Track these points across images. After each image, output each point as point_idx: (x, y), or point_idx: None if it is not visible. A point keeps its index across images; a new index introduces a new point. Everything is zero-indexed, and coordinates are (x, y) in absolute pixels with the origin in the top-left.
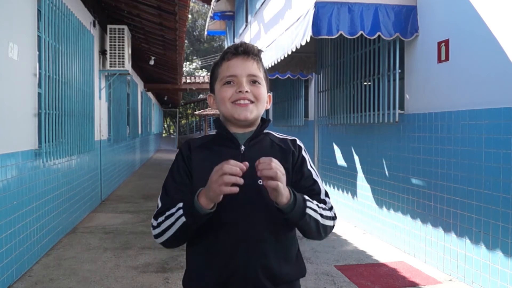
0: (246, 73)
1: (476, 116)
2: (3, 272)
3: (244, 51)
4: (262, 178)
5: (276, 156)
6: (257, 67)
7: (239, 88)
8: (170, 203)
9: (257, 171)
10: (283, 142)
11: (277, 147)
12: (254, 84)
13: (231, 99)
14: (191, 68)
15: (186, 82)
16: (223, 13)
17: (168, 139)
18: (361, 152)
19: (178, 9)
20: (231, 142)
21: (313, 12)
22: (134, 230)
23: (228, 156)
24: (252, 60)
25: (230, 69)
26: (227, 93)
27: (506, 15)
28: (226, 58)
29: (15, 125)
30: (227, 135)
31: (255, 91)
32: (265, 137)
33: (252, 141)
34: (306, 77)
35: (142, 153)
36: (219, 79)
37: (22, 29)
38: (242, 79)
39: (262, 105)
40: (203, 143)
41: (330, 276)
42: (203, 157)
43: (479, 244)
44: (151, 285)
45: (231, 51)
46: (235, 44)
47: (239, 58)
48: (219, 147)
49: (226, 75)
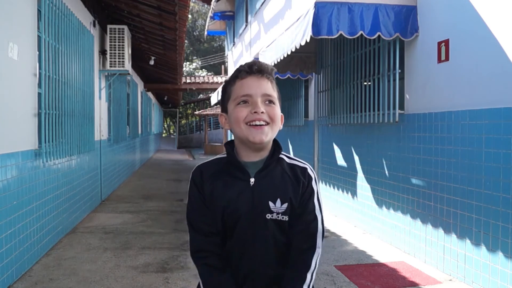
0: (261, 93)
1: (476, 116)
2: (3, 272)
3: (258, 70)
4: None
5: (284, 189)
6: (272, 87)
7: (255, 109)
8: (199, 237)
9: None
10: (293, 170)
11: (286, 178)
12: (269, 104)
13: (246, 120)
14: (191, 68)
15: (186, 82)
16: (223, 13)
17: (168, 139)
18: (361, 152)
19: (178, 9)
20: (241, 172)
21: (313, 12)
22: (134, 230)
23: (237, 188)
24: (267, 80)
25: (245, 89)
26: (242, 113)
27: (506, 15)
28: (240, 77)
29: (15, 125)
30: (237, 165)
31: (270, 111)
32: (276, 166)
33: (262, 173)
34: (306, 77)
35: (142, 153)
36: (232, 99)
37: (22, 29)
38: (257, 99)
39: (276, 126)
40: (214, 173)
41: (330, 276)
42: (214, 189)
43: (479, 244)
44: (151, 285)
45: (245, 70)
46: (248, 62)
47: (253, 77)
48: (229, 178)
49: (241, 94)
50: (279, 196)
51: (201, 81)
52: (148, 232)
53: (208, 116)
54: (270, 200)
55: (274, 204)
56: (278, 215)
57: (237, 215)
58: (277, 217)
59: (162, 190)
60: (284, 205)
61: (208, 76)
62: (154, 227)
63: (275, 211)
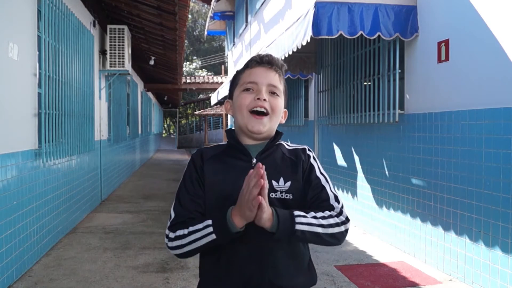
0: (267, 82)
1: (476, 116)
2: (3, 272)
3: (269, 61)
4: None
5: (286, 168)
6: (279, 79)
7: (258, 95)
8: (185, 213)
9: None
10: (293, 153)
11: (287, 159)
12: (273, 95)
13: (249, 107)
14: (191, 68)
15: (186, 82)
16: (223, 13)
17: (168, 139)
18: (361, 152)
19: (178, 9)
20: (243, 154)
21: (313, 12)
22: (134, 230)
23: (240, 169)
24: (275, 72)
25: (252, 76)
26: (246, 100)
27: (506, 15)
28: (250, 66)
29: (15, 125)
30: (239, 147)
31: (272, 101)
32: (277, 149)
33: (264, 154)
34: (306, 77)
35: (142, 153)
36: (239, 85)
37: (22, 29)
38: (262, 87)
39: (277, 118)
40: (215, 154)
41: (330, 276)
42: (215, 169)
43: (479, 244)
44: (151, 285)
45: (255, 60)
46: (261, 54)
47: (262, 67)
48: (231, 159)
49: (247, 81)
50: (281, 175)
51: (201, 81)
52: (148, 232)
53: (208, 116)
54: (273, 179)
55: (278, 183)
56: (282, 193)
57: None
58: (281, 195)
59: (162, 190)
60: (287, 183)
61: (208, 76)
62: (154, 227)
63: (278, 190)
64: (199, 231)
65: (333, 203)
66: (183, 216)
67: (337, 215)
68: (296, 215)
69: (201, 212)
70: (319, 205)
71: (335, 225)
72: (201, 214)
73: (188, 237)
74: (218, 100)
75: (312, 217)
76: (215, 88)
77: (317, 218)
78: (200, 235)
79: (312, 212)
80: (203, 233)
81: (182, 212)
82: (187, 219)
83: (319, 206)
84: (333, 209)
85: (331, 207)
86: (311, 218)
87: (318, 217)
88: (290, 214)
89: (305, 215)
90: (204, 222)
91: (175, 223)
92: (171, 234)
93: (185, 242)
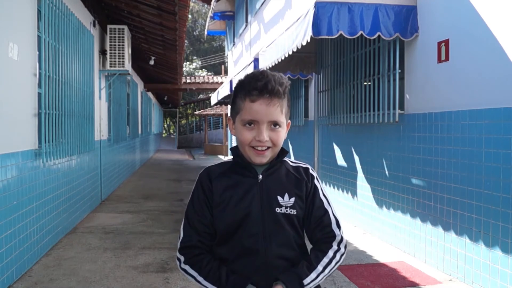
0: (268, 120)
1: (476, 116)
2: (3, 272)
3: (270, 92)
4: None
5: (290, 185)
6: (280, 110)
7: (259, 137)
8: (194, 236)
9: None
10: (297, 170)
11: (292, 176)
12: (275, 128)
13: (250, 144)
14: (191, 68)
15: (186, 82)
16: (223, 13)
17: (168, 139)
18: (361, 152)
19: (178, 9)
20: (249, 171)
21: (313, 12)
22: (134, 230)
23: (246, 185)
24: (277, 104)
25: (253, 113)
26: (247, 137)
27: (506, 15)
28: (250, 99)
29: (15, 125)
30: (246, 165)
31: (273, 136)
32: (281, 166)
33: (269, 171)
34: (306, 77)
35: (142, 153)
36: (240, 116)
37: (22, 29)
38: (263, 126)
39: (278, 147)
40: (222, 172)
41: (330, 276)
42: (223, 186)
43: (479, 244)
44: (151, 285)
45: (256, 91)
46: (262, 82)
47: (263, 102)
48: (237, 176)
49: (248, 118)
50: (286, 191)
51: (201, 81)
52: (148, 232)
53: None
54: (278, 195)
55: (283, 198)
56: (287, 208)
57: (247, 210)
58: (285, 210)
59: (162, 190)
60: (291, 199)
61: (208, 76)
62: (154, 227)
63: (283, 205)
64: (208, 278)
65: (334, 229)
66: (192, 240)
67: (337, 250)
68: (305, 284)
69: (210, 233)
70: (322, 230)
71: (335, 264)
72: (210, 236)
73: (196, 283)
74: (218, 100)
75: (319, 273)
76: (215, 88)
77: (324, 271)
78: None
79: (319, 264)
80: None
81: (192, 234)
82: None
83: (322, 231)
84: (335, 238)
85: (332, 234)
86: (319, 276)
87: (324, 269)
88: (298, 281)
89: (314, 278)
90: (214, 285)
91: (185, 246)
92: (182, 264)
93: (193, 281)
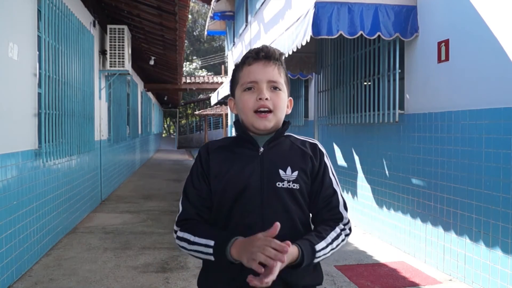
0: (267, 79)
1: (476, 116)
2: (3, 272)
3: (266, 55)
4: None
5: (295, 157)
6: (278, 72)
7: (259, 95)
8: (192, 210)
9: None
10: (303, 144)
11: (297, 149)
12: (275, 90)
13: (252, 108)
14: (191, 68)
15: (186, 82)
16: (223, 13)
17: (168, 139)
18: (361, 152)
19: (178, 9)
20: (251, 144)
21: (313, 12)
22: (134, 230)
23: (246, 157)
24: (274, 65)
25: (251, 75)
26: (248, 101)
27: (506, 15)
28: (247, 63)
29: (15, 125)
30: (247, 137)
31: (274, 98)
32: (285, 140)
33: (272, 143)
34: (306, 77)
35: (142, 153)
36: (239, 84)
37: (22, 29)
38: (263, 85)
39: (281, 112)
40: (223, 145)
41: (330, 276)
42: (222, 159)
43: (479, 244)
44: (151, 285)
45: (252, 56)
46: (256, 48)
47: (260, 63)
48: (238, 148)
49: (247, 81)
50: (289, 164)
51: (201, 81)
52: (148, 232)
53: (208, 116)
54: (280, 168)
55: (285, 172)
56: (289, 183)
57: (244, 183)
58: (288, 185)
59: (162, 190)
60: (294, 173)
61: (208, 76)
62: (154, 227)
63: (285, 179)
64: (201, 246)
65: (342, 211)
66: (189, 213)
67: (343, 229)
68: (316, 247)
69: (208, 207)
70: (330, 211)
71: (341, 241)
72: (207, 209)
73: (192, 246)
74: (218, 100)
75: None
76: (215, 88)
77: (332, 244)
78: (201, 250)
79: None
80: (203, 250)
81: (189, 208)
82: (194, 217)
83: (329, 212)
84: (342, 219)
85: (340, 216)
86: (327, 244)
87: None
88: (311, 247)
89: (324, 247)
90: (207, 239)
91: (182, 219)
92: (179, 232)
93: (188, 249)
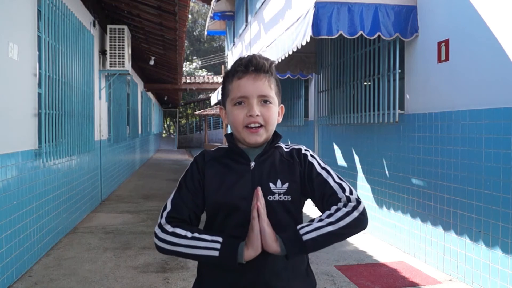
0: (257, 94)
1: (476, 116)
2: (3, 272)
3: (255, 69)
4: None
5: (284, 170)
6: (268, 85)
7: (250, 112)
8: (184, 210)
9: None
10: (290, 154)
11: (285, 161)
12: (265, 104)
13: (243, 124)
14: (191, 68)
15: (186, 82)
16: (223, 13)
17: (168, 139)
18: (361, 152)
19: (178, 9)
20: (242, 157)
21: (313, 12)
22: (134, 230)
23: (237, 172)
24: (264, 78)
25: (241, 89)
26: (238, 117)
27: (506, 15)
28: (237, 76)
29: (15, 125)
30: (237, 150)
31: (265, 113)
32: (275, 151)
33: (262, 157)
34: (306, 77)
35: (142, 153)
36: (230, 98)
37: (22, 29)
38: (253, 100)
39: (272, 126)
40: (216, 157)
41: (330, 276)
42: (214, 172)
43: (479, 244)
44: (151, 285)
45: (241, 69)
46: (245, 59)
47: (250, 77)
48: (230, 162)
49: (237, 95)
50: (279, 177)
51: (201, 81)
52: (148, 232)
53: (208, 116)
54: (270, 182)
55: (275, 185)
56: (280, 195)
57: (237, 198)
58: (279, 198)
59: (162, 190)
60: (285, 185)
61: (208, 76)
62: (154, 227)
63: (276, 192)
64: (203, 241)
65: (339, 195)
66: (180, 212)
67: (344, 205)
68: (298, 228)
69: (197, 214)
70: (328, 201)
71: (345, 215)
72: (195, 216)
73: (189, 241)
74: (218, 100)
75: (318, 221)
76: (215, 88)
77: (323, 219)
78: (203, 245)
79: (318, 216)
80: (207, 245)
81: (181, 207)
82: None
83: (329, 202)
84: (340, 201)
85: (338, 200)
86: (317, 222)
87: (323, 218)
88: (292, 231)
89: (309, 223)
90: (213, 236)
91: (171, 216)
92: (168, 227)
93: (182, 243)
